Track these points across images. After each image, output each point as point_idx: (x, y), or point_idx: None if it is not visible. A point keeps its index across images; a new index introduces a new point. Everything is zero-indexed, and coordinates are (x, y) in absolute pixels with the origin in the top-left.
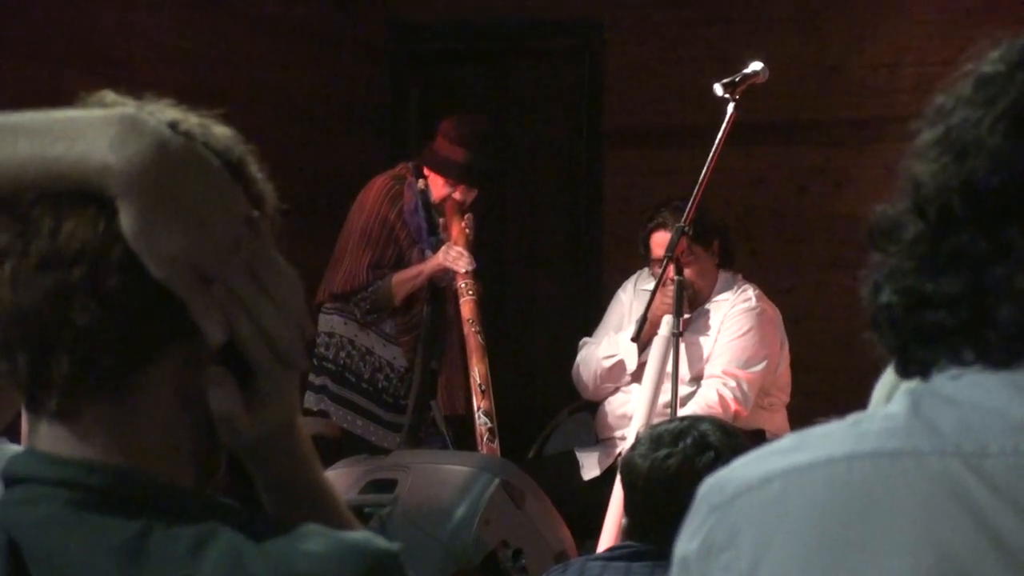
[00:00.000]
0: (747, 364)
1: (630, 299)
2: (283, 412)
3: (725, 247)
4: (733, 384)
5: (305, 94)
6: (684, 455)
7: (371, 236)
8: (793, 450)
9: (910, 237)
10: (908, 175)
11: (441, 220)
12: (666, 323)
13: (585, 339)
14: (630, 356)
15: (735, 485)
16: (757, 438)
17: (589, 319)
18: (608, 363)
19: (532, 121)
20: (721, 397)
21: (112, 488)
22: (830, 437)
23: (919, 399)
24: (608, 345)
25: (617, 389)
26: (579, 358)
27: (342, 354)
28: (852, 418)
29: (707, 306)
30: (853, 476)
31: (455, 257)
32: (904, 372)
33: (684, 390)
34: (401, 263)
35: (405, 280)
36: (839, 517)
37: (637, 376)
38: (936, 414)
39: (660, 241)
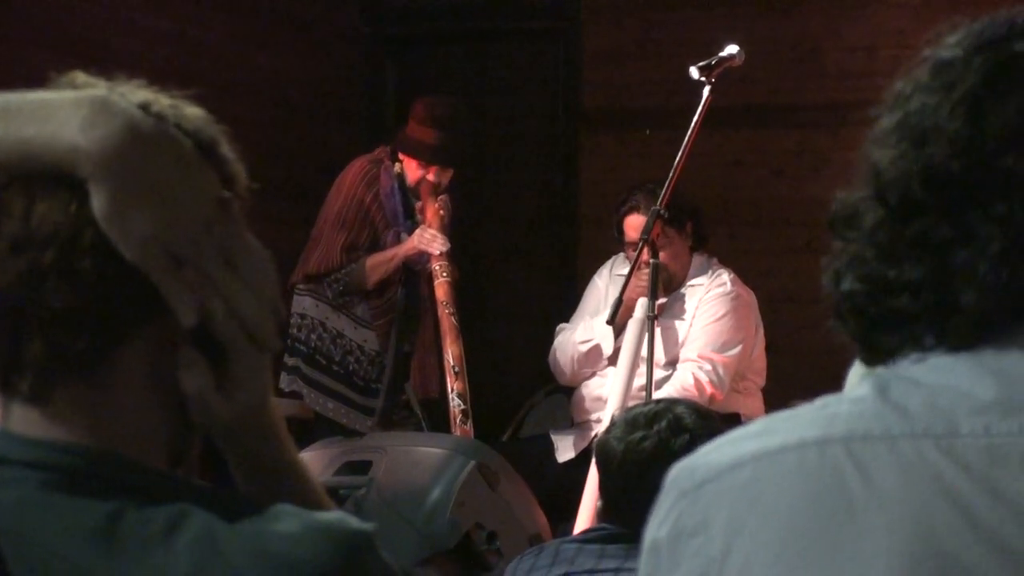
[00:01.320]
0: (723, 348)
1: (606, 284)
2: (255, 393)
3: (698, 229)
4: (709, 368)
5: (281, 76)
6: (659, 438)
7: (346, 218)
8: (762, 434)
9: (871, 224)
10: (867, 162)
11: (418, 203)
12: (641, 306)
13: (561, 325)
14: (606, 340)
15: (705, 470)
16: (732, 421)
17: (564, 300)
18: (584, 348)
19: (508, 103)
20: (697, 380)
21: (85, 469)
22: (799, 421)
23: (886, 382)
24: (584, 330)
25: (594, 373)
26: (555, 344)
27: (313, 336)
28: (820, 401)
29: (682, 290)
30: (825, 460)
31: (429, 239)
32: (868, 360)
33: (659, 374)
34: (376, 246)
35: (379, 263)
36: (812, 501)
37: (614, 360)
38: (904, 397)
39: (634, 224)
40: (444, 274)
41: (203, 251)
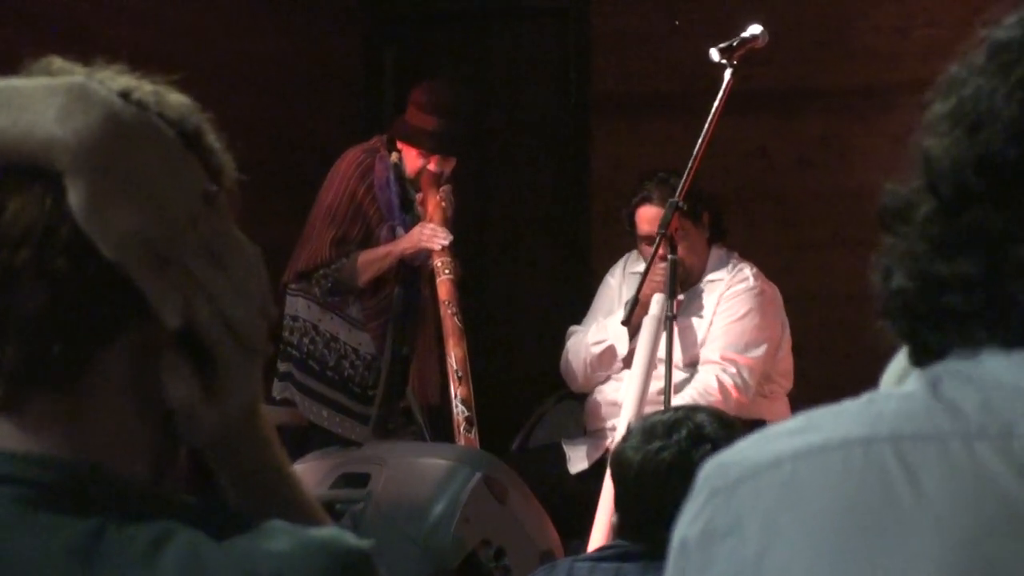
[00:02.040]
0: (747, 348)
1: (619, 283)
2: (245, 401)
3: (716, 221)
4: (733, 371)
5: (271, 59)
6: (679, 448)
7: (337, 211)
8: (803, 431)
9: (922, 217)
10: (919, 150)
11: (418, 195)
12: (656, 302)
13: (573, 328)
14: (620, 340)
15: (740, 467)
16: (757, 429)
17: (575, 299)
18: (597, 349)
19: (514, 88)
20: (721, 384)
21: (63, 484)
22: (843, 417)
23: (937, 379)
24: (597, 330)
25: (608, 377)
26: (567, 348)
27: (305, 340)
28: (865, 397)
29: (700, 286)
30: (871, 459)
31: (430, 235)
32: (918, 360)
33: (678, 376)
34: (369, 241)
35: (372, 261)
36: (856, 502)
37: (629, 362)
38: (956, 394)
39: (646, 217)
40: (446, 271)
41: (188, 248)
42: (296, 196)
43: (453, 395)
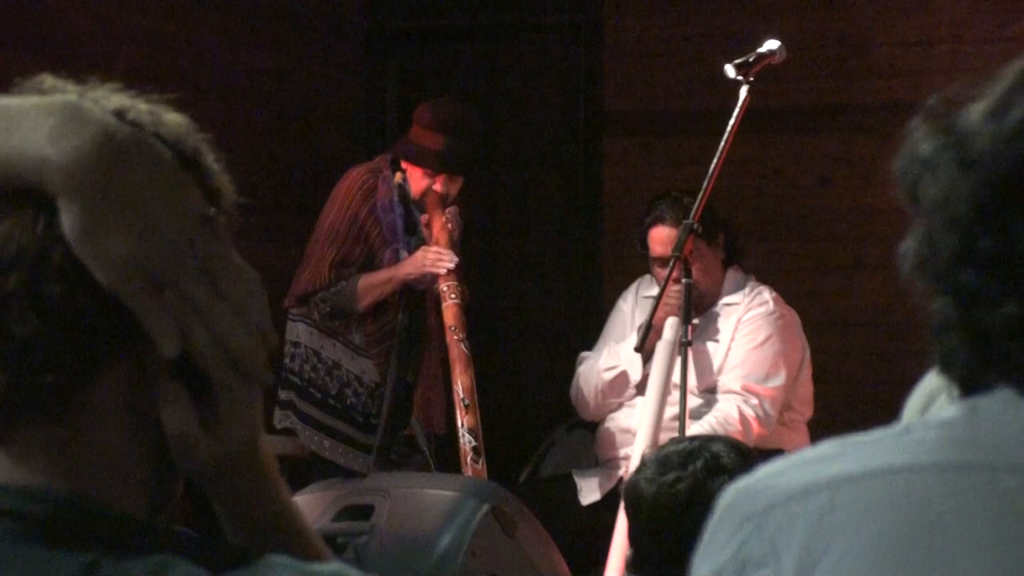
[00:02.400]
0: (767, 378)
1: (631, 308)
2: (244, 431)
3: (731, 242)
4: (755, 402)
5: (271, 77)
6: (695, 479)
7: (338, 233)
8: (837, 458)
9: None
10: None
11: (423, 217)
12: (670, 326)
13: (584, 354)
14: (633, 366)
15: (770, 494)
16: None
17: (587, 324)
18: (609, 375)
19: (522, 107)
20: (743, 416)
21: (55, 518)
22: (881, 445)
23: (976, 405)
24: (608, 356)
25: (621, 405)
26: (577, 374)
27: (307, 367)
28: (900, 427)
29: (716, 310)
30: (914, 488)
31: (434, 259)
32: (965, 390)
33: (692, 402)
34: (371, 263)
35: (373, 285)
36: (900, 533)
37: (642, 388)
38: (998, 422)
39: (659, 238)
40: (452, 295)
41: (185, 273)
42: (296, 218)
43: (460, 424)
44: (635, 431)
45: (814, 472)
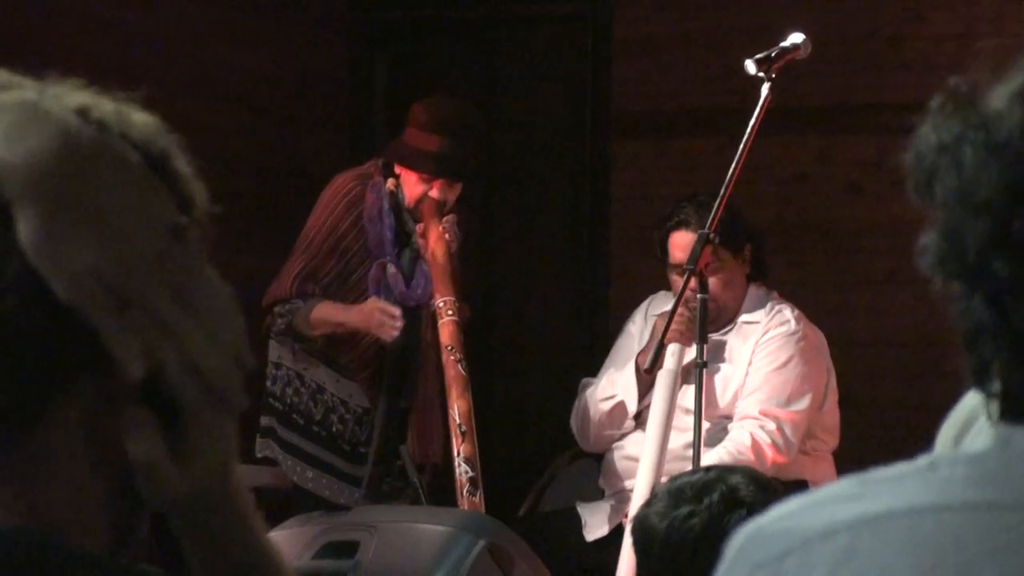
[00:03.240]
0: (789, 401)
1: (640, 330)
2: (217, 461)
3: (758, 255)
4: (772, 427)
5: (249, 72)
6: (710, 514)
7: (311, 243)
8: (858, 498)
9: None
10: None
11: (418, 226)
12: (672, 354)
13: (586, 380)
14: (630, 396)
15: (784, 539)
16: (799, 491)
17: (593, 344)
18: (606, 406)
19: (524, 106)
20: (756, 443)
21: (11, 555)
22: (904, 484)
23: (1009, 438)
24: (607, 385)
25: (625, 435)
26: (577, 403)
27: (289, 391)
28: (924, 461)
29: (733, 329)
30: (944, 530)
31: (380, 322)
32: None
33: (706, 428)
34: (346, 280)
35: (326, 321)
36: None
37: (641, 420)
38: None
39: (680, 243)
40: (450, 312)
41: (153, 288)
42: (275, 227)
43: (455, 453)
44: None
45: (832, 513)
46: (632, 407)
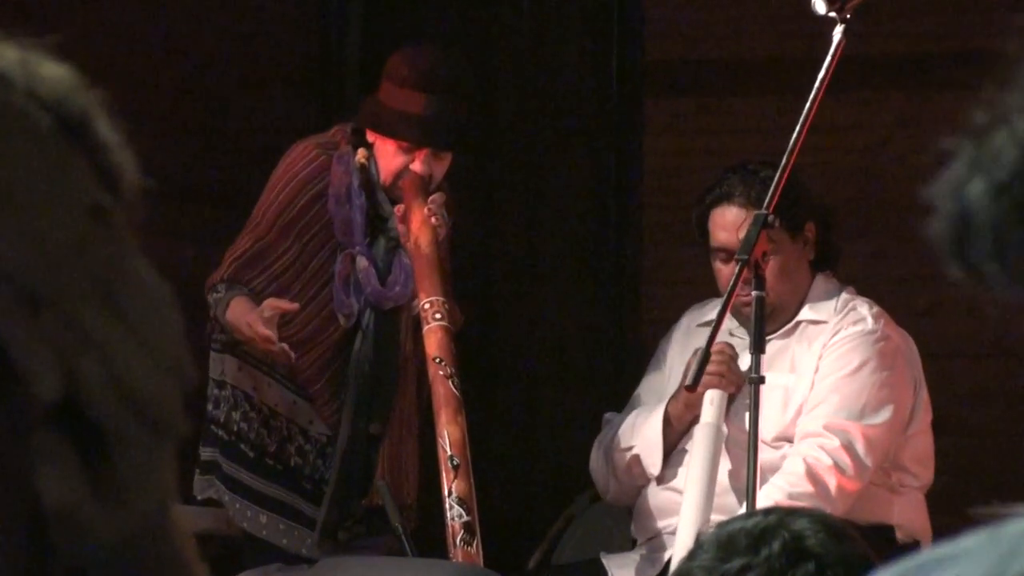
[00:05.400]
0: (863, 412)
1: (678, 352)
2: (150, 501)
3: (824, 238)
4: (835, 444)
5: (199, 23)
6: (769, 568)
7: (260, 222)
8: (999, 559)
9: None
10: None
11: (397, 207)
12: (711, 404)
13: (609, 415)
14: (652, 454)
15: None
16: (881, 537)
17: (620, 358)
18: (624, 458)
19: (532, 56)
20: (810, 468)
21: None
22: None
23: None
24: (628, 431)
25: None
26: (597, 442)
27: (236, 415)
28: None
29: (795, 330)
30: None
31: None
32: None
33: (767, 454)
34: (304, 269)
35: (235, 325)
36: None
37: (664, 481)
38: None
39: (722, 221)
40: (437, 316)
41: (70, 287)
42: (223, 208)
43: (446, 491)
44: (683, 494)
45: None
46: (652, 468)
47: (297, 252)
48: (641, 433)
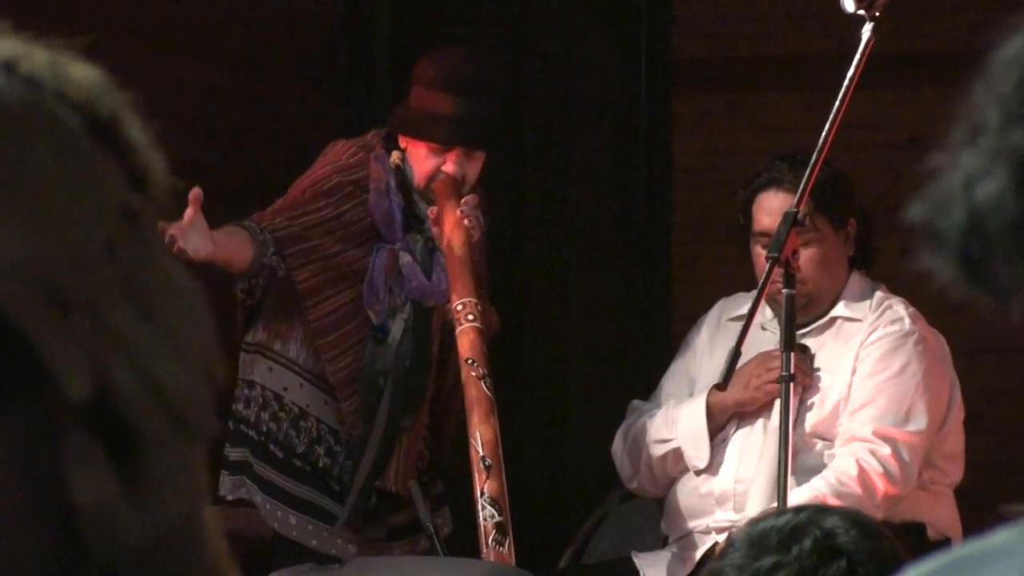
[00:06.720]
0: (908, 419)
1: (709, 340)
2: (181, 501)
3: (866, 235)
4: (887, 451)
5: (220, 19)
6: (800, 566)
7: (289, 194)
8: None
9: None
10: None
11: (430, 208)
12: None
13: (635, 403)
14: (696, 445)
15: None
16: (912, 535)
17: (650, 356)
18: (659, 450)
19: (562, 54)
20: (863, 472)
21: None
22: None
23: None
24: (663, 423)
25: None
26: (621, 432)
27: (265, 416)
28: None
29: (830, 327)
30: None
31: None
32: None
33: (797, 454)
34: (329, 230)
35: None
36: None
37: (711, 471)
38: None
39: (769, 207)
40: (470, 317)
41: (100, 287)
42: (251, 209)
43: (479, 492)
44: (718, 494)
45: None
46: (698, 461)
47: (330, 212)
48: (680, 423)
